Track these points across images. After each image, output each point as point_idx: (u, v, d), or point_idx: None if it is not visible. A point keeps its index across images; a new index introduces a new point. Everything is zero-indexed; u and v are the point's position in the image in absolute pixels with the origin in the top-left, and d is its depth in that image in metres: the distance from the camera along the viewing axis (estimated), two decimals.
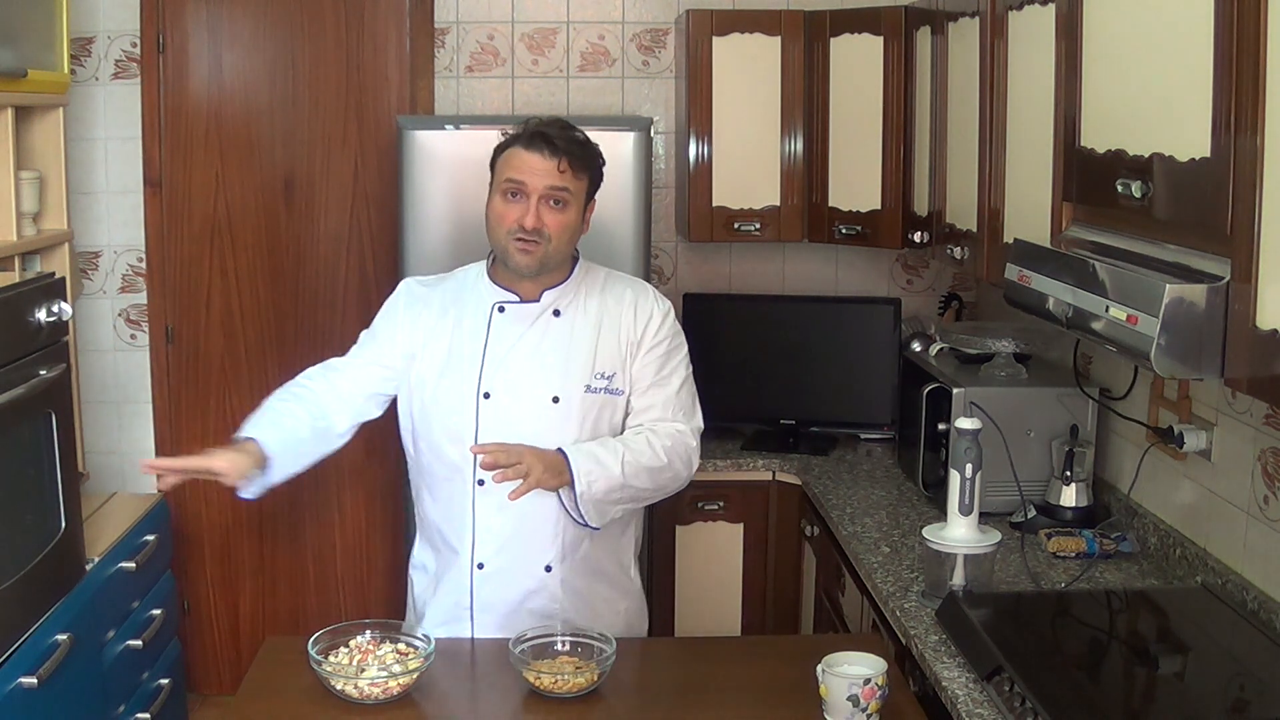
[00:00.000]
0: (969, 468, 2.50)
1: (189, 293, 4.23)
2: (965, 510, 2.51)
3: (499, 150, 2.50)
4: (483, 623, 2.53)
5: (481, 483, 2.47)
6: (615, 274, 2.66)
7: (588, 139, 2.49)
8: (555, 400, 2.49)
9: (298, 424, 2.51)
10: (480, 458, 2.34)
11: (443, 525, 2.57)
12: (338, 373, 2.60)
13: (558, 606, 2.54)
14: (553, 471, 2.36)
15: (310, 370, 2.63)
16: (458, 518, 2.53)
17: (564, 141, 2.43)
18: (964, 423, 2.54)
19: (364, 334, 2.65)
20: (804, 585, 3.71)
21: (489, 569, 2.52)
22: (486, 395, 2.49)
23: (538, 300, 2.52)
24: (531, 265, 2.45)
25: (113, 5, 4.09)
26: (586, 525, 2.46)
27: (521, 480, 2.29)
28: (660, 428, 2.53)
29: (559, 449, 2.40)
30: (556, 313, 2.52)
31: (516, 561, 2.52)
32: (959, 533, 2.52)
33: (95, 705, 3.08)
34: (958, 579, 2.51)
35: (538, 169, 2.41)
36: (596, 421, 2.52)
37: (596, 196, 2.53)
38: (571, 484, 2.38)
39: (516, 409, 2.48)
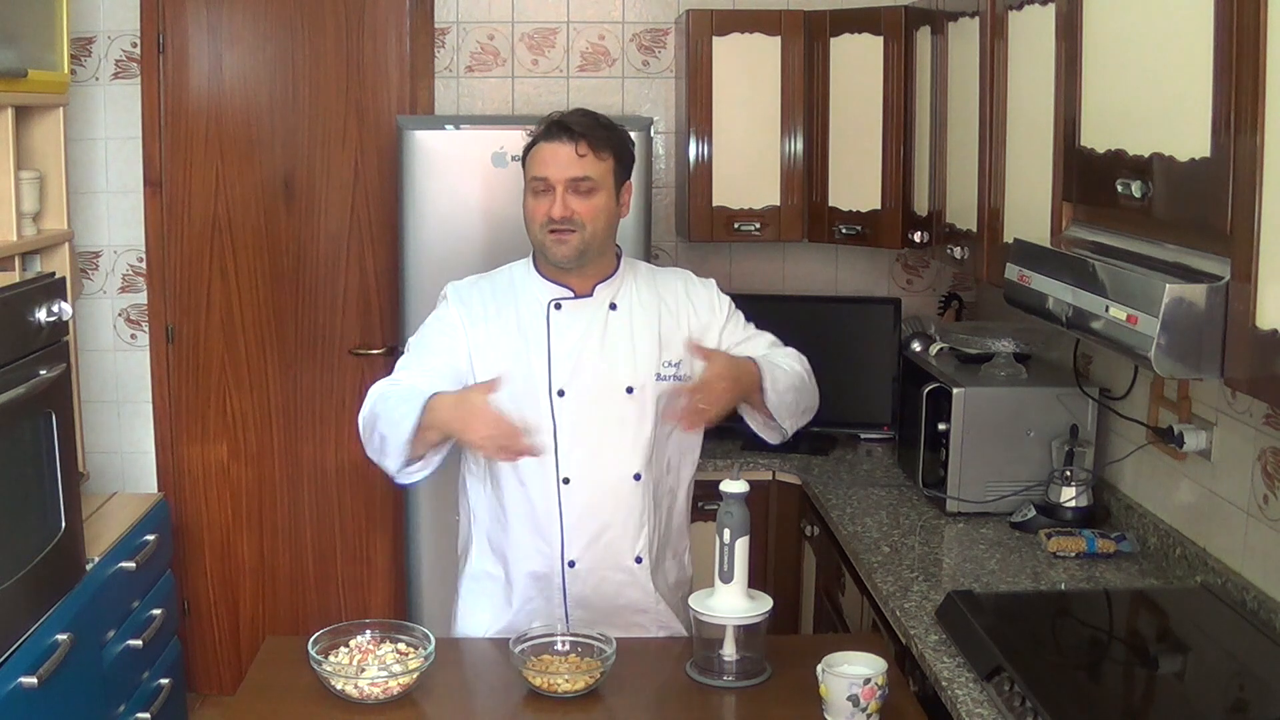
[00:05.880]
0: (728, 533, 2.25)
1: (189, 292, 4.23)
2: (726, 578, 2.27)
3: (526, 150, 2.48)
4: (577, 619, 2.50)
5: (567, 480, 2.47)
6: (654, 266, 2.69)
7: (610, 121, 2.48)
8: (630, 390, 2.49)
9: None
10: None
11: (524, 527, 2.51)
12: (417, 381, 2.44)
13: (651, 600, 2.55)
14: (741, 381, 2.44)
15: (394, 378, 2.48)
16: (543, 518, 2.49)
17: (580, 125, 2.42)
18: (730, 486, 2.26)
19: (413, 342, 2.54)
20: (804, 585, 3.70)
21: (580, 566, 2.51)
22: (560, 393, 2.47)
23: (591, 295, 2.51)
24: (569, 255, 2.43)
25: (113, 5, 4.10)
26: (774, 433, 2.61)
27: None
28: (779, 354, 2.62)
29: (750, 359, 2.50)
30: (613, 306, 2.52)
31: (608, 555, 2.51)
32: (725, 601, 2.26)
33: (95, 705, 3.08)
34: (729, 651, 2.27)
35: (559, 158, 2.40)
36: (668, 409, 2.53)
37: (631, 180, 2.53)
38: (762, 387, 2.47)
39: (592, 403, 2.48)
